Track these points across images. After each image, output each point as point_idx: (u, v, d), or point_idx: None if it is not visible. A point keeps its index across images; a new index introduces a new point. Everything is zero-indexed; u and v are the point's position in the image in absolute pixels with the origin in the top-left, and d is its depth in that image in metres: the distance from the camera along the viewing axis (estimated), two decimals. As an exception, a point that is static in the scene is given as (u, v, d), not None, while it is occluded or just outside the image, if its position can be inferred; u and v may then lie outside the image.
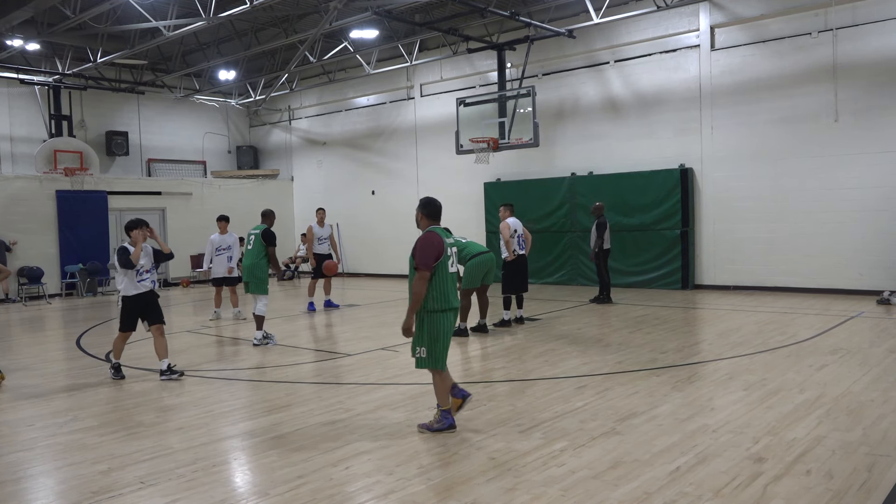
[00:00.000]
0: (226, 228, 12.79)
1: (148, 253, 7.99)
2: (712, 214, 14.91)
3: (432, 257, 5.49)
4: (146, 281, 7.92)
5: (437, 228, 5.73)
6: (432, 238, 5.57)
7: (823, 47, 13.35)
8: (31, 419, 6.50)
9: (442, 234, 5.68)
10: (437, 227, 5.76)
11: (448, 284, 5.59)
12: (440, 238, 5.59)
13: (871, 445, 5.02)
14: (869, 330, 9.69)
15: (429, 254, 5.49)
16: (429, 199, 5.84)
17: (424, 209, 5.77)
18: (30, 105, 19.65)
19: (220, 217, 12.93)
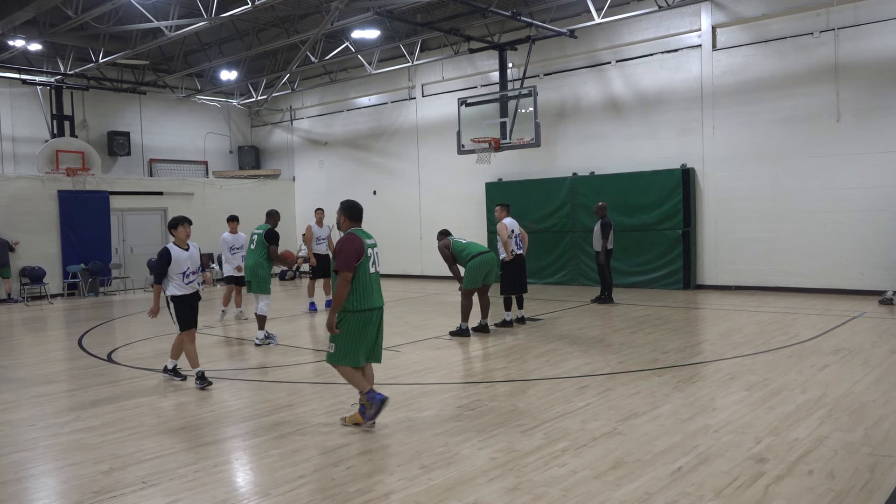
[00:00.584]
0: (236, 228, 12.80)
1: (194, 255, 7.67)
2: (714, 214, 14.90)
3: (352, 259, 5.65)
4: (193, 283, 7.61)
5: (359, 230, 5.88)
6: (352, 240, 5.73)
7: (825, 47, 13.34)
8: (32, 419, 6.51)
9: (362, 235, 5.83)
10: (358, 229, 5.91)
11: (369, 285, 5.78)
12: (360, 240, 5.75)
13: (873, 446, 5.01)
14: (871, 330, 9.68)
15: (349, 256, 5.65)
16: (351, 203, 6.00)
17: (346, 212, 5.94)
18: (32, 105, 19.67)
19: (232, 217, 12.91)
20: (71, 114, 19.90)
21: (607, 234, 12.99)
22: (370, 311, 5.78)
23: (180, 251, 7.54)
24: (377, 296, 5.86)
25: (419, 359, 8.70)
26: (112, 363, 9.12)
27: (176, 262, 7.47)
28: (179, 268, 7.49)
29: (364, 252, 5.71)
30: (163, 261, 7.43)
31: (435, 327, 11.05)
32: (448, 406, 6.47)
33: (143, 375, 8.27)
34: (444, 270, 12.26)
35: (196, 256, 7.74)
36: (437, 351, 9.21)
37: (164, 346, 10.41)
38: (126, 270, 19.83)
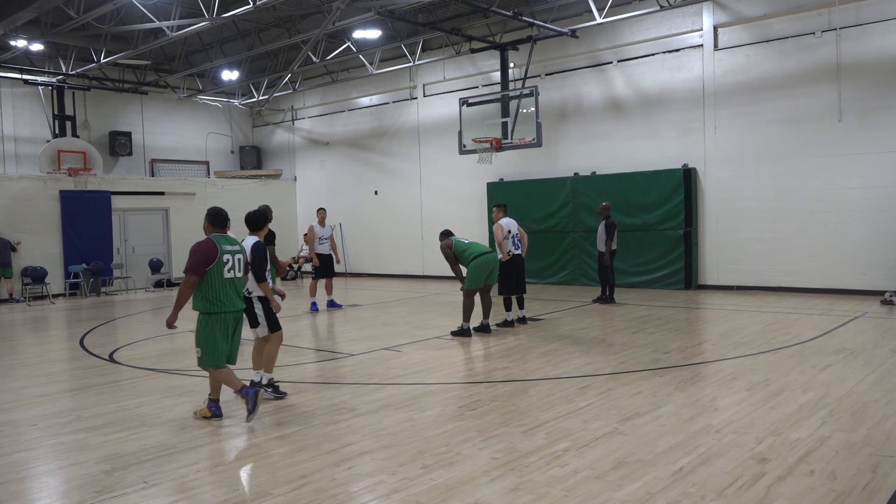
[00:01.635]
0: (227, 229, 12.66)
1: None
2: (715, 214, 14.89)
3: (201, 263, 5.93)
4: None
5: (219, 236, 6.15)
6: (205, 245, 6.01)
7: (827, 47, 13.33)
8: (34, 419, 6.51)
9: (221, 241, 6.09)
10: (219, 234, 6.18)
11: (222, 289, 6.02)
12: (214, 245, 6.01)
13: (875, 446, 5.01)
14: (872, 330, 9.67)
15: (198, 260, 5.93)
16: (215, 210, 6.30)
17: (209, 218, 6.26)
18: (33, 105, 19.69)
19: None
20: (73, 114, 19.92)
21: (612, 234, 12.97)
22: (224, 313, 6.05)
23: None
24: (232, 300, 6.09)
25: (420, 359, 8.70)
26: (114, 363, 9.13)
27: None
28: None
29: (217, 257, 5.97)
30: (266, 258, 6.89)
31: (436, 327, 11.05)
32: (449, 406, 6.47)
33: (144, 375, 8.28)
34: (446, 270, 12.27)
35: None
36: (439, 351, 9.21)
37: (164, 346, 10.43)
38: (128, 270, 19.84)
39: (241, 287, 6.25)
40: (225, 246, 6.07)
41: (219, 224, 6.23)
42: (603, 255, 13.07)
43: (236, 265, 6.14)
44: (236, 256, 6.15)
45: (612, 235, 12.95)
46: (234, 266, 6.11)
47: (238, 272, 6.16)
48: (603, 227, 13.03)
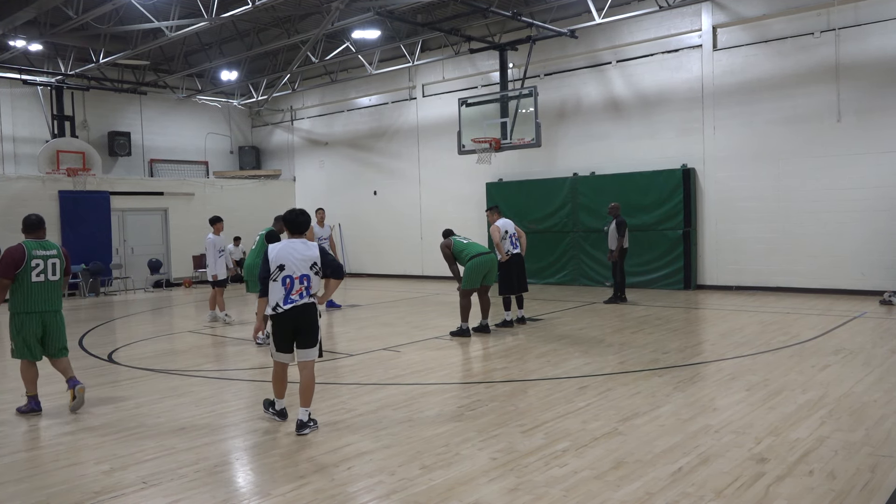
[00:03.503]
0: (221, 229, 12.62)
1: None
2: (715, 214, 14.90)
3: (10, 267, 6.34)
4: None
5: (32, 241, 6.52)
6: (14, 250, 6.40)
7: (826, 47, 13.33)
8: (33, 419, 6.50)
9: (32, 247, 6.46)
10: (32, 240, 6.54)
11: (32, 290, 6.44)
12: (22, 250, 6.39)
13: (874, 446, 5.01)
14: (871, 330, 9.68)
15: (7, 264, 6.34)
16: (28, 217, 6.65)
17: (23, 225, 6.63)
18: (32, 106, 19.68)
19: (216, 218, 12.63)
20: (71, 114, 19.91)
21: (623, 232, 12.99)
22: (33, 313, 6.49)
23: None
24: (42, 301, 6.51)
25: (420, 359, 8.70)
26: (113, 363, 9.13)
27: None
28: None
29: (25, 261, 6.36)
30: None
31: (435, 327, 11.05)
32: (448, 406, 6.47)
33: (143, 375, 8.27)
34: (445, 270, 12.27)
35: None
36: (438, 351, 9.21)
37: (163, 346, 10.43)
38: (127, 271, 19.83)
39: (54, 290, 6.62)
40: (36, 251, 6.46)
41: (30, 230, 6.60)
42: (612, 253, 13.08)
43: (48, 269, 6.52)
44: (49, 261, 6.52)
45: (622, 234, 12.98)
46: (45, 270, 6.49)
47: (52, 275, 6.55)
48: (614, 227, 13.05)
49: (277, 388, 6.11)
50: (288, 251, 5.77)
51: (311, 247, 5.86)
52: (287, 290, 5.72)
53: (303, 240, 5.92)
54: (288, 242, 5.86)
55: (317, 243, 5.95)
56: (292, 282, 5.72)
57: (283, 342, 5.83)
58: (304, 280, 5.75)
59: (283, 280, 5.72)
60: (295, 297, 5.73)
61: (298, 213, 6.00)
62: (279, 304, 5.73)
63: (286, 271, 5.72)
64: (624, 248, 13.13)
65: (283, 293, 5.72)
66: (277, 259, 5.75)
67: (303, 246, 5.83)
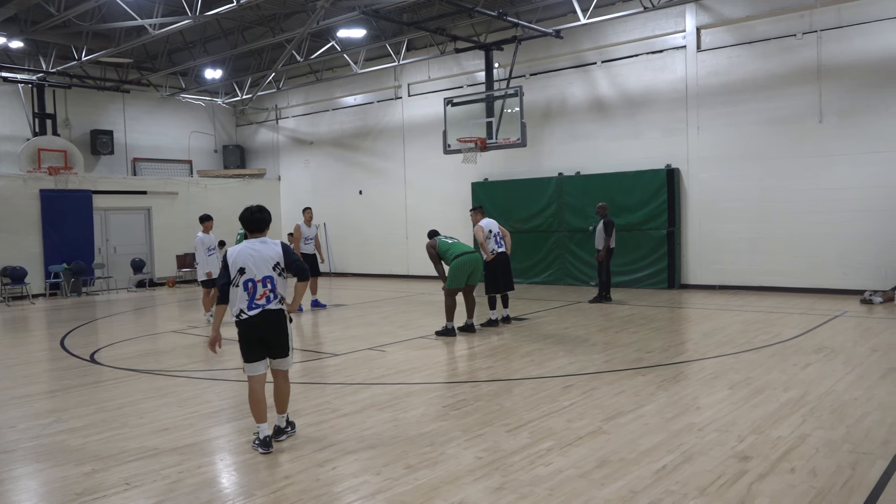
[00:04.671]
0: (210, 228, 12.53)
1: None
2: (698, 214, 15.00)
3: None
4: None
5: None
6: None
7: (808, 49, 13.46)
8: (13, 420, 6.43)
9: None
10: None
11: None
12: None
13: (855, 443, 5.06)
14: (852, 329, 9.78)
15: None
16: None
17: None
18: (13, 103, 19.46)
19: (206, 216, 12.55)
20: (53, 112, 19.70)
21: (610, 232, 13.05)
22: None
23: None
24: None
25: (405, 358, 8.70)
26: (95, 364, 9.04)
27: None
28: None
29: None
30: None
31: (420, 327, 11.05)
32: (433, 406, 6.47)
33: (126, 376, 8.21)
34: (431, 270, 12.24)
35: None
36: (423, 350, 9.21)
37: (146, 346, 10.35)
38: (109, 270, 19.67)
39: None
40: None
41: None
42: (599, 253, 13.13)
43: None
44: None
45: (610, 234, 13.03)
46: None
47: None
48: (601, 226, 13.10)
49: (256, 412, 5.36)
50: (247, 252, 5.31)
51: (273, 245, 5.39)
52: (251, 294, 5.27)
53: (262, 238, 5.46)
54: (247, 243, 5.40)
55: (279, 241, 5.48)
56: (255, 285, 5.26)
57: (253, 351, 5.36)
58: (266, 283, 5.29)
59: (245, 284, 5.27)
60: (261, 301, 5.28)
61: (255, 209, 5.50)
62: (243, 311, 5.28)
63: (247, 274, 5.27)
64: (611, 247, 13.19)
65: (246, 299, 5.27)
66: (237, 262, 5.30)
67: (262, 245, 5.37)
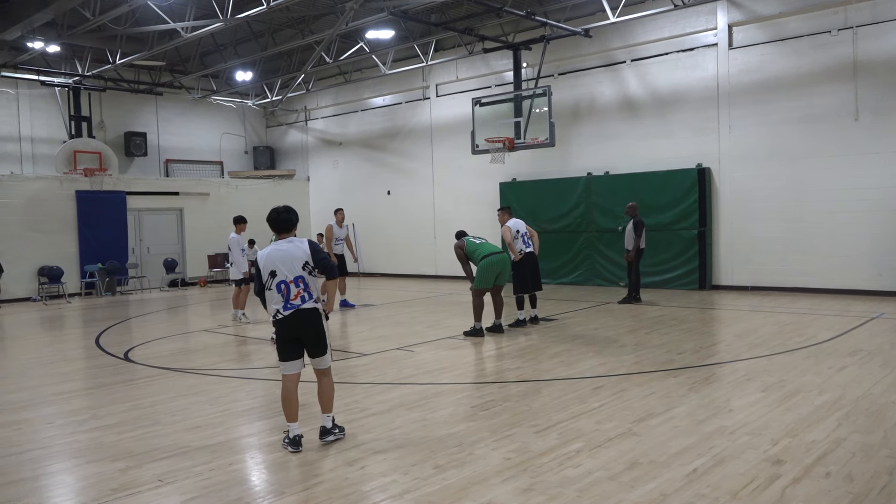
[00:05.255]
0: (244, 230, 12.75)
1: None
2: (730, 214, 14.79)
3: None
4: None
5: None
6: None
7: (843, 45, 13.20)
8: (50, 417, 6.57)
9: None
10: None
11: None
12: None
13: (893, 448, 4.95)
14: (890, 331, 9.57)
15: None
16: None
17: None
18: (50, 106, 19.87)
19: (240, 218, 12.73)
20: (88, 115, 20.09)
21: (640, 232, 12.94)
22: None
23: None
24: None
25: (433, 358, 8.71)
26: (129, 362, 9.20)
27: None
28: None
29: None
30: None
31: (449, 327, 11.05)
32: (462, 406, 6.47)
33: (159, 374, 8.33)
34: (458, 270, 12.28)
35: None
36: (451, 351, 9.21)
37: (178, 345, 10.50)
38: (143, 270, 20.00)
39: None
40: None
41: None
42: (629, 253, 13.03)
43: None
44: None
45: (640, 234, 12.93)
46: None
47: None
48: (631, 227, 13.01)
49: (287, 411, 5.41)
50: (275, 254, 5.34)
51: (300, 244, 5.38)
52: (285, 295, 5.31)
53: (289, 238, 5.46)
54: (274, 245, 5.42)
55: (306, 239, 5.47)
56: (287, 286, 5.30)
57: (289, 350, 5.45)
58: (299, 282, 5.32)
59: (279, 286, 5.31)
60: (295, 301, 5.32)
61: (282, 210, 5.51)
62: (279, 311, 5.35)
63: (279, 276, 5.31)
64: (640, 248, 13.07)
65: (281, 300, 5.32)
66: (267, 265, 5.34)
67: (290, 245, 5.38)
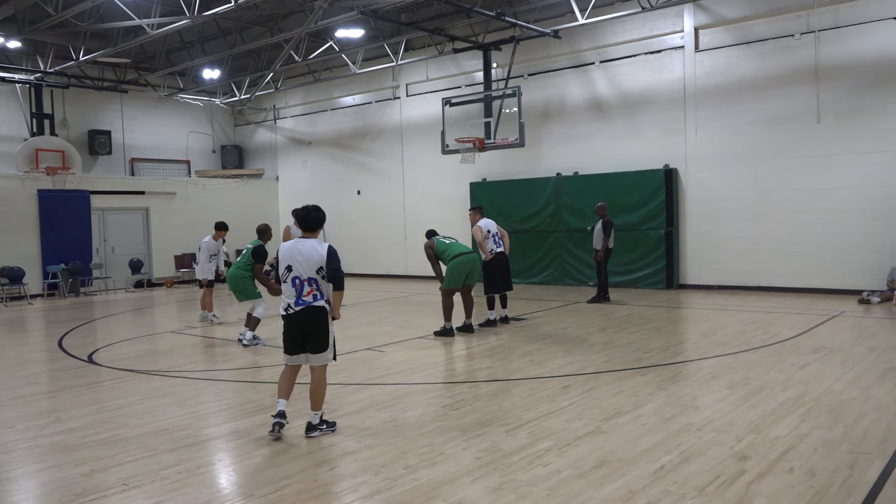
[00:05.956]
0: (221, 237, 12.65)
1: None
2: (696, 214, 15.01)
3: None
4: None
5: None
6: None
7: (806, 49, 13.48)
8: (11, 421, 6.43)
9: None
10: None
11: None
12: None
13: (853, 443, 5.07)
14: (850, 329, 9.80)
15: None
16: None
17: None
18: (10, 103, 19.42)
19: (222, 225, 12.61)
20: (51, 112, 19.67)
21: (609, 232, 13.05)
22: None
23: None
24: None
25: (403, 359, 8.70)
26: (94, 364, 9.04)
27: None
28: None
29: None
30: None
31: (419, 327, 11.05)
32: (432, 406, 6.48)
33: (125, 376, 8.20)
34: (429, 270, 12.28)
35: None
36: (421, 351, 9.21)
37: (144, 346, 10.34)
38: (107, 270, 19.64)
39: None
40: None
41: None
42: (597, 253, 13.14)
43: None
44: None
45: (608, 234, 13.04)
46: None
47: None
48: (600, 226, 13.11)
49: (280, 388, 5.72)
50: (295, 252, 5.58)
51: (320, 249, 5.58)
52: (297, 291, 5.55)
53: (314, 240, 5.67)
54: (296, 242, 5.66)
55: (328, 245, 5.67)
56: (301, 284, 5.54)
57: (292, 344, 5.63)
58: (312, 283, 5.56)
59: (293, 281, 5.55)
60: (307, 298, 5.55)
61: (312, 209, 5.75)
62: (290, 305, 5.56)
63: (294, 272, 5.56)
64: (609, 248, 13.19)
65: (294, 295, 5.55)
66: (285, 259, 5.62)
67: (311, 246, 5.60)
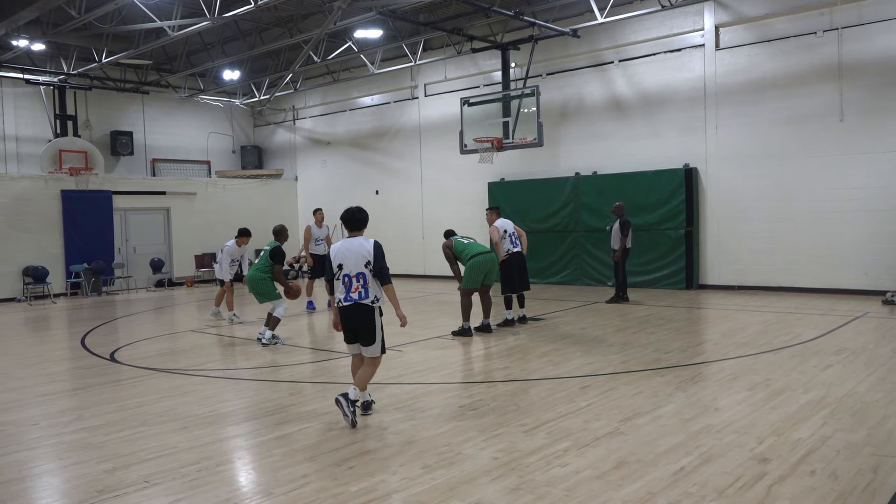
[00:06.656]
0: (245, 243, 12.74)
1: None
2: (717, 214, 14.88)
3: None
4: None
5: None
6: None
7: (828, 46, 13.31)
8: (35, 418, 6.52)
9: None
10: None
11: None
12: None
13: (876, 446, 5.00)
14: (874, 330, 9.66)
15: None
16: None
17: None
18: (35, 105, 19.71)
19: (245, 231, 12.71)
20: (74, 113, 19.93)
21: (627, 232, 12.99)
22: None
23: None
24: None
25: (421, 358, 8.71)
26: (115, 362, 9.14)
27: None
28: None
29: None
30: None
31: (437, 327, 11.05)
32: (450, 406, 6.48)
33: (146, 375, 8.28)
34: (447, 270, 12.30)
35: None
36: (440, 350, 9.21)
37: (165, 345, 10.44)
38: (129, 270, 19.86)
39: None
40: None
41: None
42: (615, 253, 13.09)
43: None
44: None
45: (625, 233, 12.97)
46: None
47: None
48: (618, 226, 13.05)
49: (353, 374, 6.32)
50: (344, 250, 6.02)
51: (366, 244, 6.02)
52: (347, 287, 5.99)
53: (361, 238, 6.11)
54: (346, 241, 6.11)
55: (374, 240, 6.07)
56: (350, 280, 5.98)
57: (347, 335, 6.22)
58: (360, 278, 5.97)
59: (344, 278, 6.00)
60: (354, 294, 5.98)
61: (356, 210, 6.20)
62: (341, 301, 6.03)
63: (345, 270, 5.98)
64: (627, 247, 13.12)
65: (344, 291, 6.00)
66: (336, 258, 6.03)
67: (357, 243, 6.04)
